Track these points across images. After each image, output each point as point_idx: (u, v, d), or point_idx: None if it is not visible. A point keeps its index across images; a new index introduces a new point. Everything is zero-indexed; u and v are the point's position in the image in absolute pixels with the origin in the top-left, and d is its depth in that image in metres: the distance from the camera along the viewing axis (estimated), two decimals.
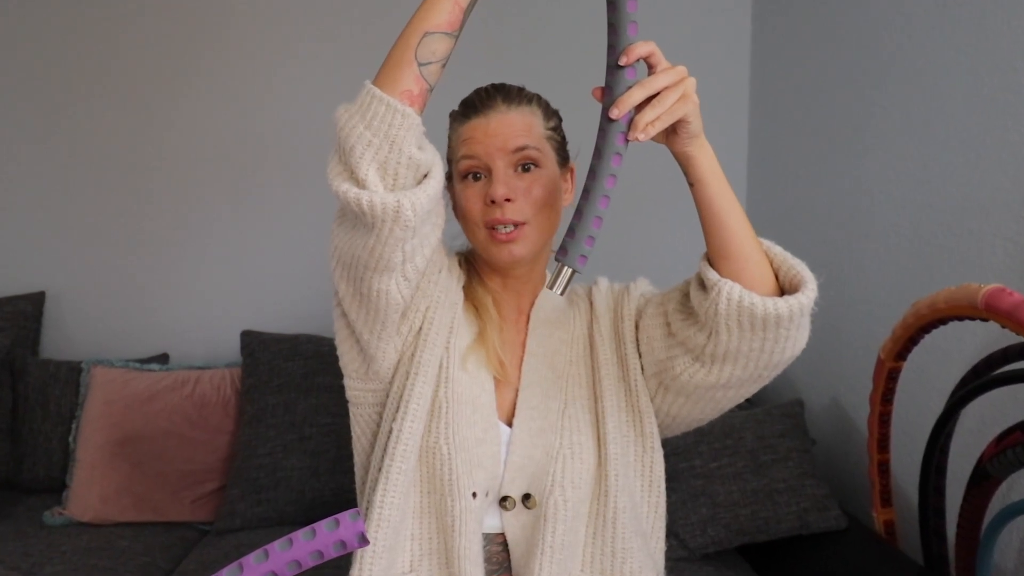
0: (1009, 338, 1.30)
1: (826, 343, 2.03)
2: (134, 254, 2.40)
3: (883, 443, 1.56)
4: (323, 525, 0.60)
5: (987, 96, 1.45)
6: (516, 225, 1.03)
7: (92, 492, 2.01)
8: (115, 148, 2.38)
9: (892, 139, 1.74)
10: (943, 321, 1.29)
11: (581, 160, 1.11)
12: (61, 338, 2.40)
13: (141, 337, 2.40)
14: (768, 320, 0.95)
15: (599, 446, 1.08)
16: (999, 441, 1.25)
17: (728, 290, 0.94)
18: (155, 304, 2.42)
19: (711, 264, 0.98)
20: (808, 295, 0.98)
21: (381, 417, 1.08)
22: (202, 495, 2.05)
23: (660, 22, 2.41)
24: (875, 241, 1.80)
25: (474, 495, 1.02)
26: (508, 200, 1.02)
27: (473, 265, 1.16)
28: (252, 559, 0.60)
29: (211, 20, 2.37)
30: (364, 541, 0.61)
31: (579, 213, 0.91)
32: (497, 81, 1.12)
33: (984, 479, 1.30)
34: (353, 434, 1.14)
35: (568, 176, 1.14)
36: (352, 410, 1.13)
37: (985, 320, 1.16)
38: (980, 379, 1.30)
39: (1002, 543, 1.38)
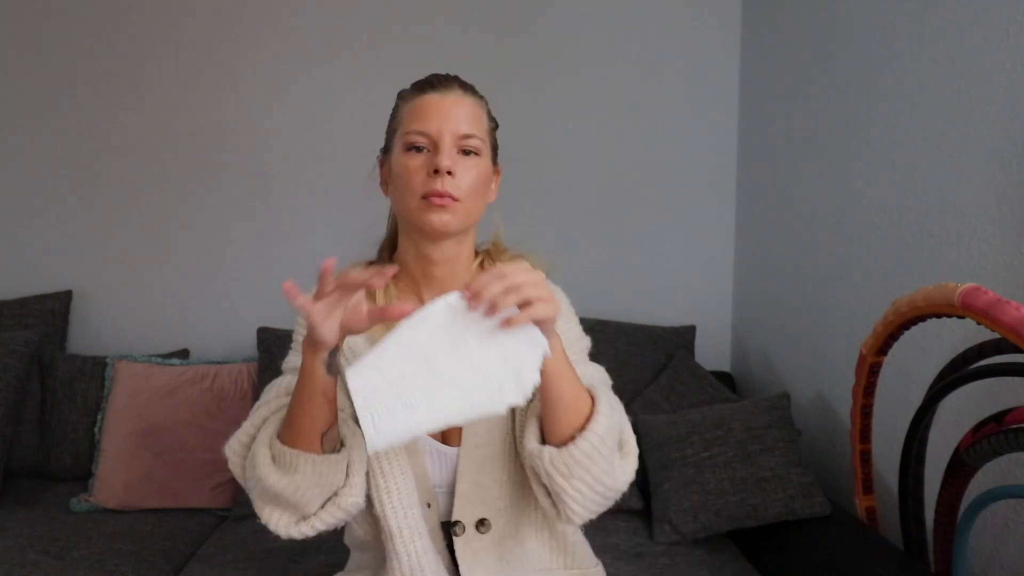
0: (984, 334, 1.30)
1: (811, 339, 2.03)
2: (157, 255, 2.41)
3: (865, 434, 1.56)
4: None
5: (964, 105, 1.45)
6: (453, 200, 0.99)
7: (117, 480, 2.02)
8: (139, 156, 2.39)
9: (874, 145, 1.74)
10: (922, 318, 1.29)
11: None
12: (87, 334, 2.41)
13: (163, 333, 2.41)
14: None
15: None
16: (975, 432, 1.25)
17: (539, 452, 0.95)
18: (176, 302, 2.42)
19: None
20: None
21: None
22: (221, 483, 2.05)
23: (653, 31, 2.42)
24: (857, 243, 1.80)
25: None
26: (450, 173, 0.98)
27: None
28: None
29: (234, 32, 2.37)
30: None
31: None
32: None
33: (960, 468, 1.30)
34: None
35: (496, 177, 1.12)
36: None
37: (961, 317, 1.16)
38: (957, 373, 1.30)
39: (977, 529, 1.38)
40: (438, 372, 0.81)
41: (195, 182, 2.40)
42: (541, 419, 0.97)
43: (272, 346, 2.13)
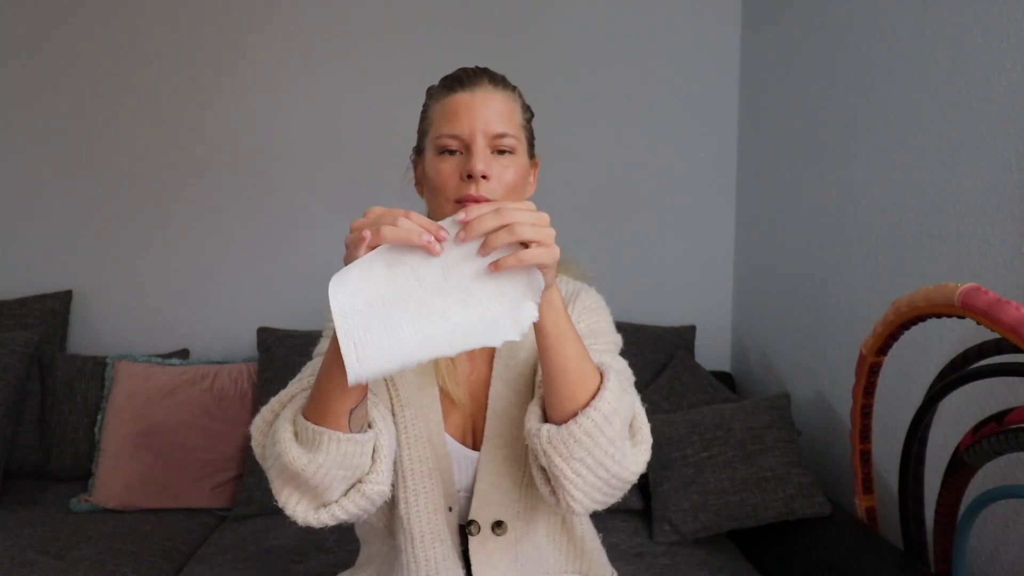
0: (984, 334, 1.30)
1: (811, 339, 2.03)
2: (157, 255, 2.41)
3: (865, 434, 1.56)
4: None
5: (964, 105, 1.45)
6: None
7: (117, 480, 2.02)
8: (139, 156, 2.39)
9: (874, 145, 1.74)
10: (922, 318, 1.29)
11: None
12: (87, 334, 2.41)
13: (163, 333, 2.41)
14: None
15: None
16: (975, 432, 1.25)
17: (538, 431, 0.90)
18: (176, 302, 2.42)
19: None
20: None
21: None
22: (221, 483, 2.06)
23: (653, 31, 2.42)
24: (858, 243, 1.80)
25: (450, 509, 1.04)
26: (484, 177, 0.94)
27: None
28: None
29: (235, 32, 2.37)
30: None
31: None
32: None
33: (960, 468, 1.30)
34: None
35: (533, 170, 1.08)
36: None
37: (961, 317, 1.16)
38: (957, 373, 1.30)
39: (977, 529, 1.38)
40: (427, 301, 0.74)
41: (195, 182, 2.40)
42: (544, 398, 0.91)
43: (272, 346, 2.13)
